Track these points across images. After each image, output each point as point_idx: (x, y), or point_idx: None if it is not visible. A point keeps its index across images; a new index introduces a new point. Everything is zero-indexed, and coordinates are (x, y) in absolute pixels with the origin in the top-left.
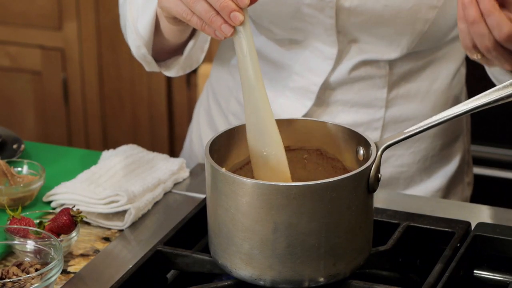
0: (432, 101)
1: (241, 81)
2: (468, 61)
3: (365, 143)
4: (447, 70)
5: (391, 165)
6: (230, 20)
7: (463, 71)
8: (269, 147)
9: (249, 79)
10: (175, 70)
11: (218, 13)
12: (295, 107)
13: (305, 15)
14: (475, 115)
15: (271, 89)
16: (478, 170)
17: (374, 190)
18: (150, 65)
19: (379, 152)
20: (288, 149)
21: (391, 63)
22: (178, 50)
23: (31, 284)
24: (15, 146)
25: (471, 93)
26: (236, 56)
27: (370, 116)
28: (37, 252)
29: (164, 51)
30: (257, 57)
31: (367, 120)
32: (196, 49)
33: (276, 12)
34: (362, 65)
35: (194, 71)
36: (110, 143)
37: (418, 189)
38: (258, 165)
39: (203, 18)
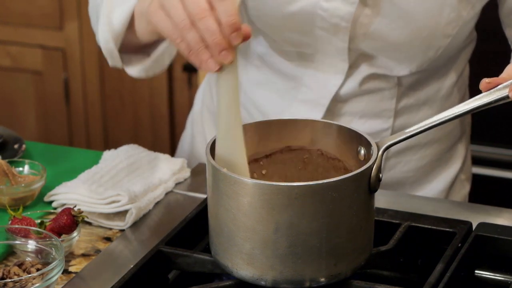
0: (438, 106)
1: (218, 117)
2: (471, 63)
3: (366, 143)
4: (452, 76)
5: (398, 171)
6: (219, 58)
7: (466, 72)
8: None
9: (226, 120)
10: (137, 69)
11: (207, 46)
12: (296, 116)
13: (318, 35)
14: (475, 114)
15: (280, 100)
16: (479, 170)
17: (375, 190)
18: (114, 61)
19: (380, 152)
20: (288, 149)
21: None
22: (145, 48)
23: (32, 284)
24: (16, 146)
25: (474, 94)
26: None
27: (379, 126)
28: (38, 252)
29: (130, 46)
30: (239, 97)
31: (375, 130)
32: (165, 54)
33: (287, 31)
34: (371, 79)
35: (196, 71)
36: (111, 143)
37: (422, 192)
38: None
39: (191, 47)
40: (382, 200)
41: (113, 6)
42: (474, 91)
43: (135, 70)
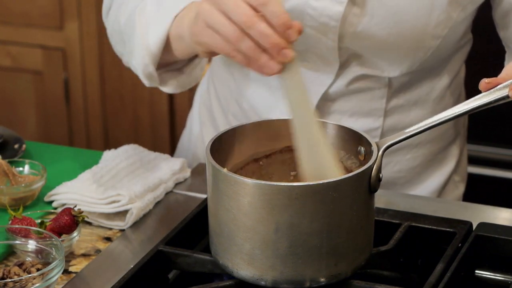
0: (430, 107)
1: (292, 113)
2: (467, 63)
3: (366, 143)
4: (446, 77)
5: (389, 171)
6: (280, 57)
7: (462, 74)
8: (325, 176)
9: (301, 115)
10: (173, 87)
11: (264, 50)
12: None
13: (308, 34)
14: (472, 114)
15: (271, 96)
16: (476, 170)
17: (376, 190)
18: (152, 81)
19: (380, 152)
20: (288, 149)
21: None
22: (175, 64)
23: (33, 284)
24: (16, 146)
25: (471, 94)
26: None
27: (369, 125)
28: (38, 252)
29: (161, 64)
30: (307, 91)
31: (365, 129)
32: (197, 67)
33: None
34: (361, 78)
35: None
36: (111, 143)
37: (414, 192)
38: None
39: (249, 55)
40: (382, 200)
41: (147, 28)
42: (471, 91)
43: (170, 87)
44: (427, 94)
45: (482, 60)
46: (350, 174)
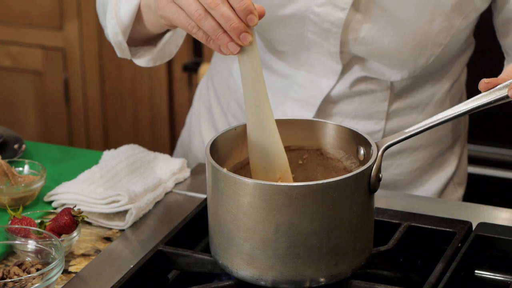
0: (432, 110)
1: (244, 97)
2: (469, 65)
3: (366, 143)
4: (448, 81)
5: (390, 173)
6: (239, 40)
7: (463, 77)
8: (272, 166)
9: (254, 97)
10: (145, 60)
11: (225, 30)
12: (295, 117)
13: (309, 39)
14: (472, 114)
15: (272, 97)
16: (476, 170)
17: (375, 190)
18: (123, 53)
19: (380, 152)
20: (288, 149)
21: None
22: (152, 39)
23: (32, 284)
24: (16, 146)
25: (472, 96)
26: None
27: (371, 127)
28: (38, 252)
29: (137, 39)
30: (263, 75)
31: (367, 131)
32: (171, 43)
33: (279, 33)
34: (363, 80)
35: (196, 71)
36: (111, 143)
37: (415, 194)
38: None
39: (209, 34)
40: (382, 200)
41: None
42: (471, 91)
43: (143, 60)
44: (429, 98)
45: (483, 62)
46: (350, 174)
